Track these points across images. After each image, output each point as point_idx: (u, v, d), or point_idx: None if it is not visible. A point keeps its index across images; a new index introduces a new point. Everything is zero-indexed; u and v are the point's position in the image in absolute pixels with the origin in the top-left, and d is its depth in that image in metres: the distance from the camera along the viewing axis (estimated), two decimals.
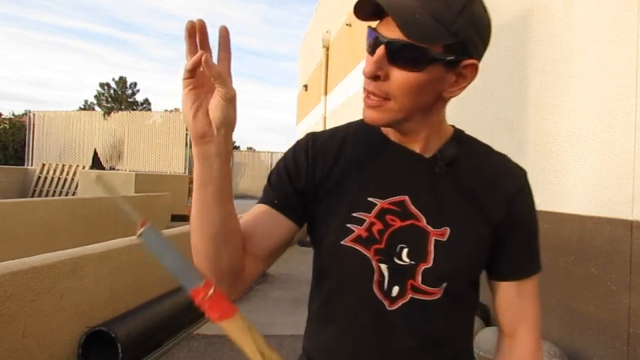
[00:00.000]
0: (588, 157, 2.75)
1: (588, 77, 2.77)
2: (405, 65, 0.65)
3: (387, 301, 0.73)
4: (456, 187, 0.75)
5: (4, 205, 6.29)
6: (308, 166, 0.77)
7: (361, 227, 0.73)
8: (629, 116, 2.48)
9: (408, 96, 0.67)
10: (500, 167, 0.80)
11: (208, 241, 0.66)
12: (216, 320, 0.59)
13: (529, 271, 0.79)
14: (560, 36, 3.02)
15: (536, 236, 0.81)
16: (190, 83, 0.60)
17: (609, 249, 2.56)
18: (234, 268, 0.69)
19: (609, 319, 2.56)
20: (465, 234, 0.73)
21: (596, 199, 2.68)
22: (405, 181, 0.75)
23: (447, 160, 0.75)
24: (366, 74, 0.67)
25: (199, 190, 0.64)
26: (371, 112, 0.69)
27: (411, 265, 0.72)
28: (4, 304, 2.30)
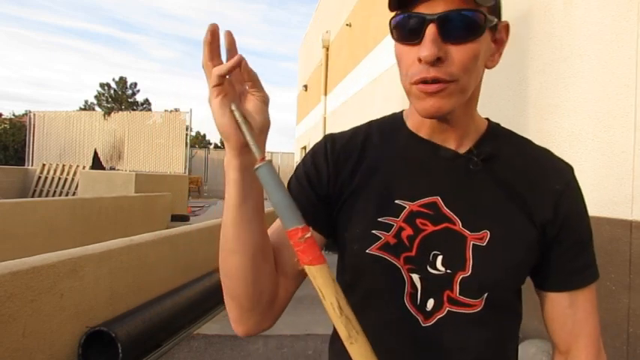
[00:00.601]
0: (588, 157, 2.75)
1: (588, 77, 2.77)
2: (463, 38, 0.59)
3: (421, 316, 0.65)
4: (495, 185, 0.67)
5: (4, 205, 6.29)
6: (329, 171, 0.71)
7: (389, 233, 0.66)
8: (628, 116, 2.48)
9: (470, 73, 0.61)
10: (544, 162, 0.71)
11: (248, 262, 0.61)
12: (306, 263, 0.56)
13: (583, 281, 0.70)
14: (560, 36, 3.02)
15: (590, 239, 0.72)
16: (222, 90, 0.56)
17: (609, 249, 2.56)
18: (272, 289, 0.66)
19: (609, 319, 2.56)
20: (508, 237, 0.65)
21: (595, 199, 2.68)
22: (436, 180, 0.68)
23: (484, 156, 0.68)
24: (427, 58, 0.57)
25: (239, 207, 0.60)
26: (435, 100, 0.60)
27: (447, 274, 0.64)
28: (4, 304, 2.30)
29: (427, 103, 0.61)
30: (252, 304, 0.64)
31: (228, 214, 0.61)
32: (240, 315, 0.66)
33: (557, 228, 0.68)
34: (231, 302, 0.65)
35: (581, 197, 0.72)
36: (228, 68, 0.55)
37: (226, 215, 0.61)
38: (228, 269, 0.63)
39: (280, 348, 3.39)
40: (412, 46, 0.60)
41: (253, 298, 0.63)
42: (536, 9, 3.28)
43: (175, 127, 15.34)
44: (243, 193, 0.59)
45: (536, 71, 3.24)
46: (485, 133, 0.71)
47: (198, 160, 24.69)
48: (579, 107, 2.83)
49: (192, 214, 12.79)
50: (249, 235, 0.61)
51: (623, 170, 2.49)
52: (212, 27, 0.55)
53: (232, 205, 0.60)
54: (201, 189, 23.18)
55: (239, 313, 0.66)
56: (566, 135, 2.92)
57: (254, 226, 0.61)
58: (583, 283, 0.70)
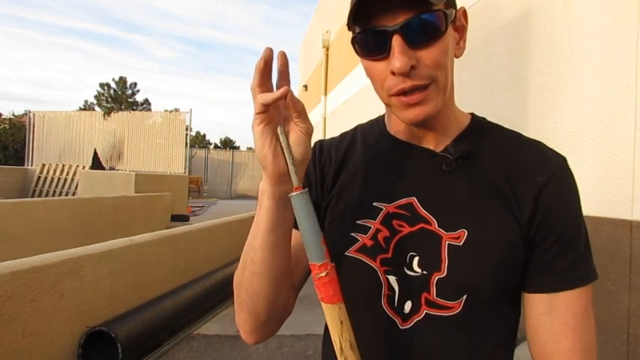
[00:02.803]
0: (588, 157, 2.75)
1: (588, 77, 2.77)
2: (430, 40, 0.58)
3: (399, 319, 0.64)
4: (473, 182, 0.65)
5: (4, 205, 6.29)
6: (317, 177, 0.73)
7: (366, 235, 0.66)
8: (628, 116, 2.48)
9: (445, 68, 0.60)
10: (530, 155, 0.67)
11: (272, 283, 0.62)
12: (320, 299, 0.57)
13: (562, 283, 0.62)
14: (560, 36, 3.02)
15: (579, 237, 0.65)
16: (265, 118, 0.56)
17: (609, 249, 2.56)
18: (287, 301, 0.68)
19: (609, 319, 2.56)
20: (487, 235, 0.62)
21: (595, 199, 2.68)
22: (412, 181, 0.67)
23: (460, 154, 0.66)
24: (400, 70, 0.56)
25: (269, 234, 0.60)
26: (418, 109, 0.60)
27: (423, 275, 0.63)
28: (4, 304, 2.30)
29: (412, 113, 0.61)
30: (269, 318, 0.65)
31: (258, 239, 0.61)
32: (254, 328, 0.67)
33: (537, 223, 0.63)
34: (247, 317, 0.66)
35: (571, 191, 0.65)
36: (273, 99, 0.54)
37: (255, 239, 0.61)
38: (252, 290, 0.63)
39: (280, 348, 3.39)
40: (380, 61, 0.60)
41: (271, 313, 0.65)
42: (536, 9, 3.28)
43: (175, 127, 15.34)
44: (276, 220, 0.60)
45: (536, 71, 3.24)
46: (466, 130, 0.70)
47: (198, 160, 24.70)
48: (579, 107, 2.83)
49: (192, 214, 12.79)
50: (276, 260, 0.61)
51: (623, 170, 2.49)
52: (266, 54, 0.55)
53: (263, 231, 0.60)
54: (201, 189, 23.17)
55: (254, 326, 0.66)
56: (566, 135, 2.92)
57: (282, 251, 0.62)
58: (567, 286, 0.62)
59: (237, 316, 0.67)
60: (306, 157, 0.59)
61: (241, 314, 0.66)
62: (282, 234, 0.61)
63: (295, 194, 0.57)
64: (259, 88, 0.55)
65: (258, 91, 0.56)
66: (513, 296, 0.65)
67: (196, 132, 42.05)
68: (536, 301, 0.63)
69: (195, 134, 40.96)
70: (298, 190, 0.57)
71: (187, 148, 15.42)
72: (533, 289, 0.64)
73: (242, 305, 0.65)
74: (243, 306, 0.65)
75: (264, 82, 0.56)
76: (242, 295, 0.65)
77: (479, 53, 4.00)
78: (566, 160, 0.68)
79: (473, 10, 4.17)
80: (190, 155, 18.49)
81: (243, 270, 0.64)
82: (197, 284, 4.15)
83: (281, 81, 0.58)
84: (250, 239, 0.62)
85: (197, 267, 4.45)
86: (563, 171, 0.66)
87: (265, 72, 0.55)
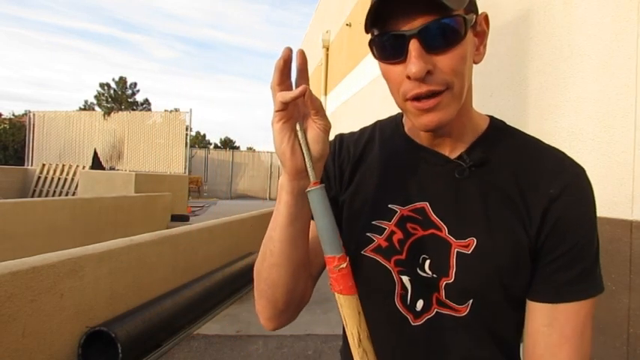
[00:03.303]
0: (588, 157, 2.75)
1: (588, 77, 2.77)
2: (448, 46, 0.58)
3: (410, 316, 0.67)
4: (486, 190, 0.66)
5: (4, 205, 6.29)
6: (335, 172, 0.75)
7: (381, 236, 0.68)
8: (628, 116, 2.48)
9: (462, 75, 0.60)
10: (547, 165, 0.66)
11: (291, 274, 0.65)
12: (337, 291, 0.59)
13: (568, 295, 0.62)
14: (560, 36, 3.02)
15: (589, 251, 0.63)
16: (284, 116, 0.58)
17: (609, 249, 2.56)
18: (305, 290, 0.71)
19: (609, 319, 2.56)
20: (496, 245, 0.63)
21: (595, 199, 2.68)
22: (426, 186, 0.68)
23: (474, 162, 0.66)
24: (416, 75, 0.57)
25: (288, 227, 0.62)
26: (433, 115, 0.60)
27: (433, 278, 0.65)
28: (4, 304, 2.30)
29: (426, 119, 0.61)
30: (287, 305, 0.69)
31: (277, 232, 0.63)
32: (273, 314, 0.70)
33: (544, 235, 0.63)
34: (266, 304, 0.69)
35: (585, 203, 0.64)
36: (292, 97, 0.56)
37: (274, 232, 0.64)
38: (272, 280, 0.66)
39: (280, 348, 3.39)
40: (397, 64, 0.60)
41: (289, 301, 0.68)
42: (536, 9, 3.28)
43: (175, 127, 15.34)
44: (294, 214, 0.62)
45: (536, 71, 3.24)
46: (482, 135, 0.70)
47: (198, 160, 24.69)
48: (579, 107, 2.83)
49: (192, 214, 12.79)
50: (294, 252, 0.64)
51: (623, 170, 2.49)
52: (286, 54, 0.56)
53: (282, 225, 0.63)
54: (201, 189, 23.17)
55: (273, 313, 0.70)
56: (566, 135, 2.92)
57: (299, 243, 0.64)
58: (563, 298, 0.62)
59: (257, 303, 0.70)
60: (324, 153, 0.61)
61: (260, 302, 0.70)
62: (300, 227, 0.63)
63: (312, 189, 0.59)
64: (279, 87, 0.57)
65: (277, 90, 0.57)
66: (519, 301, 0.66)
67: (196, 132, 42.07)
68: (538, 311, 0.64)
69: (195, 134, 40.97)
70: (316, 186, 0.59)
71: (187, 148, 15.42)
72: (535, 297, 0.64)
73: (261, 293, 0.69)
74: (262, 294, 0.69)
75: (283, 80, 0.57)
76: (261, 284, 0.68)
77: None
78: (584, 171, 0.66)
79: None
80: (190, 155, 18.49)
81: (263, 261, 0.67)
82: (197, 284, 4.14)
83: (300, 80, 0.59)
84: (269, 232, 0.65)
85: (197, 267, 4.45)
86: (578, 183, 0.65)
87: (285, 71, 0.57)
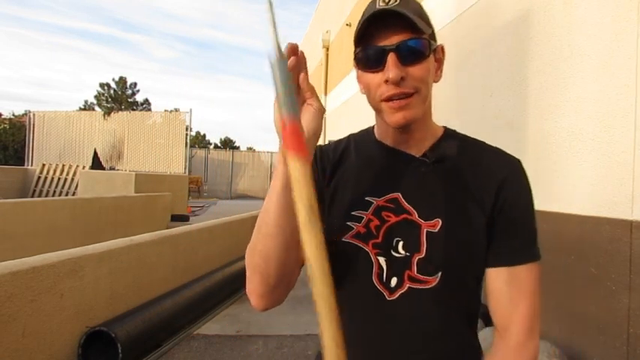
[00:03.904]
0: (588, 157, 2.75)
1: (588, 77, 2.77)
2: (417, 60, 0.75)
3: (386, 292, 0.78)
4: (446, 180, 0.81)
5: (4, 205, 6.29)
6: (318, 175, 0.85)
7: (360, 224, 0.80)
8: (628, 116, 2.48)
9: (426, 85, 0.77)
10: (492, 158, 0.84)
11: (284, 246, 0.71)
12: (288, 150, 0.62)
13: (520, 258, 0.78)
14: (560, 36, 3.02)
15: (531, 224, 0.81)
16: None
17: (609, 249, 2.56)
18: (294, 270, 0.77)
19: (609, 319, 2.56)
20: (458, 223, 0.78)
21: (596, 199, 2.68)
22: (398, 180, 0.82)
23: (435, 158, 0.82)
24: (394, 79, 0.73)
25: (281, 196, 0.69)
26: (405, 112, 0.76)
27: (406, 256, 0.77)
28: (4, 304, 2.30)
29: (397, 116, 0.76)
30: (278, 282, 0.74)
31: (272, 200, 0.71)
32: (265, 291, 0.75)
33: (497, 210, 0.79)
34: (260, 279, 0.75)
35: (525, 186, 0.82)
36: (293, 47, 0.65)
37: (270, 203, 0.71)
38: (265, 251, 0.72)
39: (280, 348, 3.39)
40: (377, 73, 0.76)
41: (280, 277, 0.74)
42: (536, 9, 3.28)
43: (175, 127, 15.34)
44: (287, 183, 0.67)
45: (536, 71, 3.24)
46: (440, 139, 0.86)
47: (198, 160, 24.69)
48: (579, 107, 2.83)
49: (192, 214, 12.79)
50: (287, 222, 0.70)
51: (623, 170, 2.49)
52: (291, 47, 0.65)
53: (276, 193, 0.69)
54: (201, 189, 23.17)
55: (265, 289, 0.75)
56: (566, 135, 2.92)
57: (290, 215, 0.69)
58: (520, 260, 0.78)
59: (249, 282, 0.76)
60: (318, 131, 0.70)
61: (253, 278, 0.75)
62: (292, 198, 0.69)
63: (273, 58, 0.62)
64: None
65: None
66: (479, 274, 0.80)
67: (196, 132, 42.05)
68: (498, 273, 0.78)
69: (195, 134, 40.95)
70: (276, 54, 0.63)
71: (187, 148, 15.42)
72: (495, 262, 0.79)
73: (255, 268, 0.75)
74: (256, 269, 0.75)
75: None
76: (255, 258, 0.74)
77: (479, 53, 4.00)
78: (520, 162, 0.84)
79: (473, 10, 4.17)
80: (190, 155, 18.48)
81: (258, 233, 0.74)
82: (197, 284, 4.15)
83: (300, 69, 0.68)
84: (265, 205, 0.72)
85: (197, 267, 4.45)
86: (519, 171, 0.83)
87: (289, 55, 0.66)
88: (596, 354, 2.64)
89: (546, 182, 3.04)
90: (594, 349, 2.66)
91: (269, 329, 3.77)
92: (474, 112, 4.00)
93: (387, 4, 0.75)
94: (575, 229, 2.82)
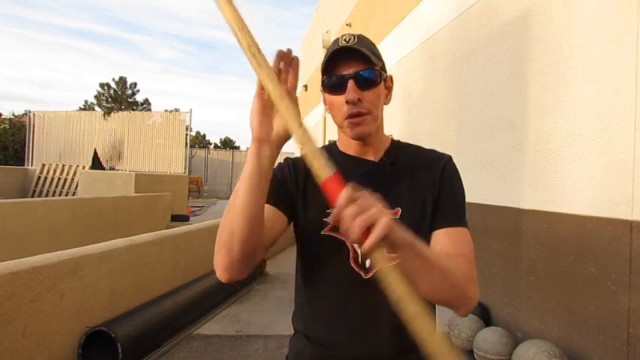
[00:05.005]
0: (588, 157, 2.75)
1: (588, 77, 2.77)
2: (370, 86, 0.95)
3: (362, 272, 0.96)
4: (401, 178, 1.02)
5: (4, 205, 6.29)
6: (291, 177, 1.03)
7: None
8: (628, 116, 2.48)
9: (378, 106, 0.98)
10: (431, 157, 1.06)
11: (248, 224, 0.81)
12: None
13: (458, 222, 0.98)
14: (560, 36, 3.02)
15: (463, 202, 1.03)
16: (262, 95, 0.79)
17: (609, 249, 2.56)
18: (256, 249, 0.86)
19: (609, 319, 2.56)
20: (413, 209, 0.98)
21: (596, 199, 2.68)
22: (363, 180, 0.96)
23: (390, 161, 1.03)
24: (352, 100, 0.93)
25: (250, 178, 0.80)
26: (361, 128, 0.97)
27: None
28: (4, 304, 2.30)
29: (357, 130, 0.97)
30: (241, 256, 0.83)
31: (241, 184, 0.81)
32: (229, 264, 0.84)
33: (441, 186, 1.00)
34: (225, 253, 0.84)
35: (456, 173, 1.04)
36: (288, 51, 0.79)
37: (239, 185, 0.82)
38: (231, 228, 0.82)
39: (280, 348, 3.39)
40: (339, 95, 0.96)
41: (243, 252, 0.83)
42: (536, 9, 3.28)
43: (175, 127, 15.33)
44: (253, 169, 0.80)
45: (536, 71, 3.24)
46: (390, 147, 1.07)
47: (198, 160, 24.69)
48: (579, 107, 2.83)
49: (192, 214, 12.80)
50: (254, 204, 0.81)
51: (623, 170, 2.49)
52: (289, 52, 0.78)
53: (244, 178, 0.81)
54: (201, 189, 23.17)
55: (229, 262, 0.84)
56: (566, 135, 2.92)
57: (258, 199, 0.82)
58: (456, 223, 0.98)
59: (216, 255, 0.85)
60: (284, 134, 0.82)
61: (220, 251, 0.85)
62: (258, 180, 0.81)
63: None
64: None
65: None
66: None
67: (196, 132, 42.03)
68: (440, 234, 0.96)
69: (195, 134, 40.93)
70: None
71: (187, 148, 15.41)
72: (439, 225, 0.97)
73: (221, 243, 0.84)
74: (222, 244, 0.84)
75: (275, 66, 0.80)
76: (223, 235, 0.84)
77: (479, 53, 4.00)
78: (451, 157, 1.07)
79: (473, 10, 4.17)
80: (190, 155, 18.47)
81: (227, 213, 0.84)
82: (197, 284, 4.15)
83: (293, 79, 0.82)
84: (236, 187, 0.83)
85: (197, 267, 4.45)
86: (451, 162, 1.05)
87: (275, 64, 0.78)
88: (596, 354, 2.64)
89: (546, 182, 3.04)
90: (594, 349, 2.66)
91: (269, 329, 3.77)
92: (474, 112, 4.00)
93: (347, 43, 0.95)
94: (575, 229, 2.82)
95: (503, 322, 3.49)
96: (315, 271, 1.01)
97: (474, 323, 3.39)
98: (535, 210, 3.14)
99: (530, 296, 3.21)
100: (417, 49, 5.53)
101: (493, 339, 3.05)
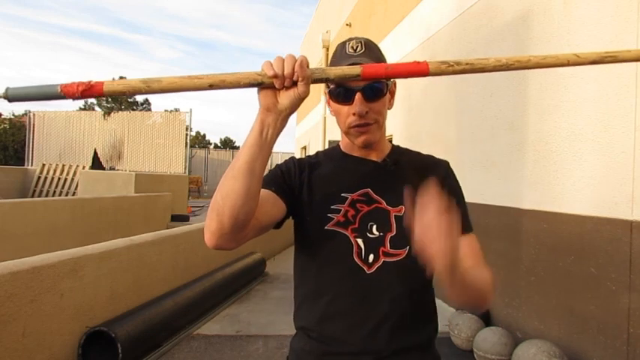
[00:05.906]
0: (588, 157, 2.75)
1: (588, 77, 2.77)
2: (377, 98, 0.98)
3: (365, 267, 0.98)
4: (403, 177, 1.03)
5: (4, 205, 6.29)
6: (296, 172, 1.06)
7: (339, 214, 1.00)
8: (628, 116, 2.48)
9: (383, 115, 1.02)
10: (431, 160, 1.12)
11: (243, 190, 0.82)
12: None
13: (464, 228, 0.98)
14: (560, 36, 3.02)
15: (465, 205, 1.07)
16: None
17: (609, 249, 2.56)
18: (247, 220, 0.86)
19: (609, 319, 2.56)
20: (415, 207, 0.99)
21: (596, 199, 2.68)
22: (366, 179, 1.04)
23: (393, 162, 1.07)
24: (360, 113, 0.96)
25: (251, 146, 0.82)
26: (367, 136, 1.01)
27: (380, 236, 0.99)
28: (4, 304, 2.30)
29: (362, 138, 1.01)
30: (230, 223, 0.83)
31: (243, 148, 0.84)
32: (217, 229, 0.85)
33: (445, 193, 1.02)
34: (216, 218, 0.84)
35: (455, 179, 1.09)
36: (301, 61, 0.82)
37: (241, 150, 0.84)
38: (226, 191, 0.83)
39: (280, 348, 3.39)
40: (346, 105, 0.98)
41: (232, 218, 0.83)
42: (536, 9, 3.28)
43: (175, 127, 15.31)
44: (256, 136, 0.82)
45: (536, 71, 3.24)
46: (392, 150, 1.11)
47: (198, 160, 24.68)
48: (579, 107, 2.83)
49: (192, 214, 12.79)
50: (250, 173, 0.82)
51: (623, 170, 2.49)
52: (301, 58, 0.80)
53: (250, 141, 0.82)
54: (201, 189, 23.16)
55: (217, 227, 0.85)
56: (566, 135, 2.92)
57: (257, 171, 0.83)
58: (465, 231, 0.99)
59: (208, 217, 0.86)
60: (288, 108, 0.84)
61: (211, 214, 0.85)
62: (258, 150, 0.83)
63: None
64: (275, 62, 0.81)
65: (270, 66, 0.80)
66: None
67: (196, 132, 41.98)
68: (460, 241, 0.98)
69: (195, 134, 40.90)
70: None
71: (187, 148, 15.40)
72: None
73: (214, 206, 0.85)
74: (215, 206, 0.85)
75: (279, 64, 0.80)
76: (217, 197, 0.84)
77: (479, 53, 4.00)
78: (448, 162, 1.12)
79: (473, 10, 4.17)
80: (190, 155, 18.46)
81: (225, 176, 0.85)
82: (197, 284, 4.14)
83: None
84: (239, 151, 0.85)
85: (197, 267, 4.45)
86: (450, 169, 1.10)
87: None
88: (596, 354, 2.64)
89: (546, 182, 3.04)
90: (594, 349, 2.66)
91: (269, 329, 3.77)
92: (474, 112, 4.00)
93: (355, 51, 0.98)
94: (575, 229, 2.82)
95: (503, 322, 3.48)
96: (319, 266, 1.01)
97: (474, 323, 3.39)
98: (535, 210, 3.14)
99: (530, 296, 3.21)
100: (417, 49, 5.53)
101: (493, 339, 3.05)
